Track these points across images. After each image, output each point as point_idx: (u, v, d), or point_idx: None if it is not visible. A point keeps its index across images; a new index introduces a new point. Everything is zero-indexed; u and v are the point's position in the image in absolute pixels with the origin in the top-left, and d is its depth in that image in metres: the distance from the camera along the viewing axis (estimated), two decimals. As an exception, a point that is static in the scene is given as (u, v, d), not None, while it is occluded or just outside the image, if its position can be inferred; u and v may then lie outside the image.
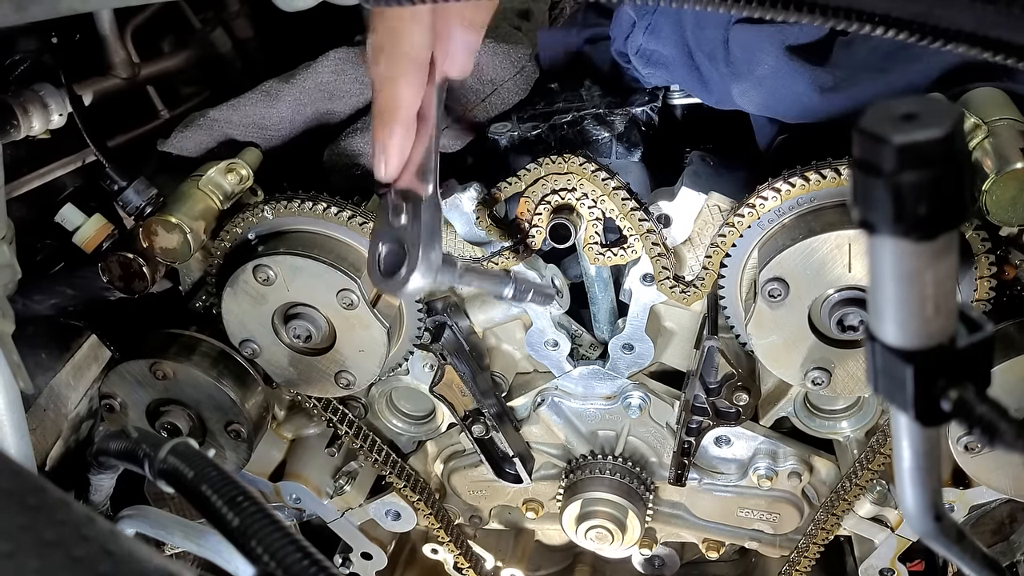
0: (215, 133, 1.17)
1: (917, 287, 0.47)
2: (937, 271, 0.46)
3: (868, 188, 0.45)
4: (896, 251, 0.46)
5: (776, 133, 1.11)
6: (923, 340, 0.48)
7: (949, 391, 0.49)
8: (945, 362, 0.49)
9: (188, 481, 0.72)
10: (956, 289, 0.48)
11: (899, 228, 0.45)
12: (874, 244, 0.47)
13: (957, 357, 0.49)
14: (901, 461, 0.54)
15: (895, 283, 0.47)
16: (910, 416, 0.50)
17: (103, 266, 1.10)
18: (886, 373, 0.50)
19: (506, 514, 1.48)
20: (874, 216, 0.45)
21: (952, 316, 0.48)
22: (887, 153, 0.43)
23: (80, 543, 0.39)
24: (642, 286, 1.12)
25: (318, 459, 1.40)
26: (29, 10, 0.60)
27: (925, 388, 0.49)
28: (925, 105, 0.45)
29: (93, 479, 0.95)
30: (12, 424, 0.85)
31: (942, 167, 0.44)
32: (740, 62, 1.03)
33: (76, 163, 1.19)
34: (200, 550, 0.87)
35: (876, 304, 0.49)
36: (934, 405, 0.49)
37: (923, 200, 0.44)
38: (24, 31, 1.09)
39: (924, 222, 0.44)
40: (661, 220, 1.07)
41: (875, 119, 0.44)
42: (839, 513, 1.23)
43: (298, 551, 0.62)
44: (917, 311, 0.47)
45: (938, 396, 0.49)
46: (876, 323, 0.50)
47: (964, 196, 0.45)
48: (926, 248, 0.45)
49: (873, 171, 0.44)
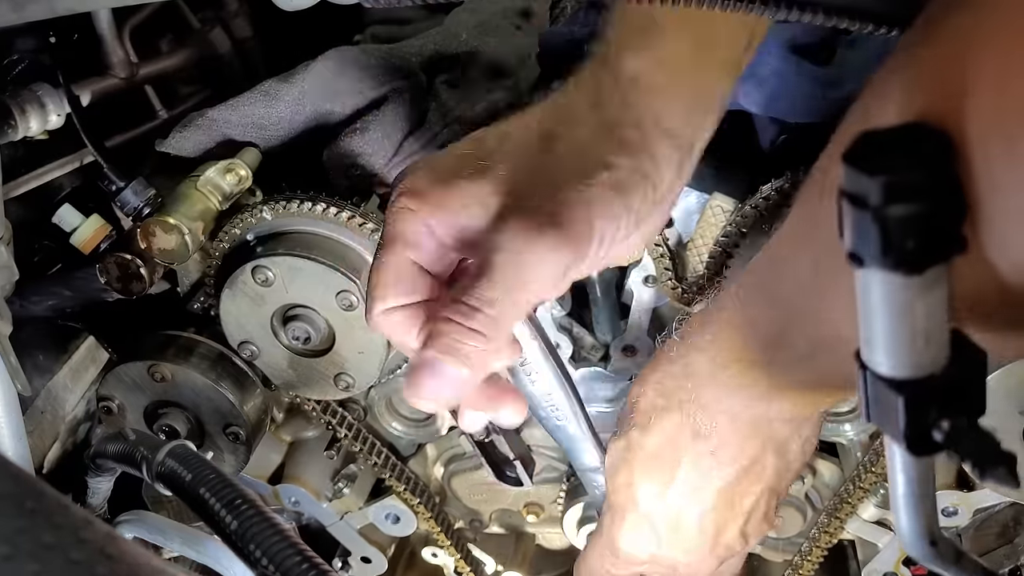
0: (214, 133, 1.16)
1: (907, 319, 0.45)
2: (928, 303, 0.45)
3: (855, 220, 0.44)
4: (885, 284, 0.45)
5: (779, 133, 1.11)
6: (914, 371, 0.47)
7: (941, 422, 0.47)
8: (937, 392, 0.47)
9: (186, 484, 0.71)
10: (947, 318, 0.46)
11: (887, 262, 0.43)
12: (862, 276, 0.46)
13: (949, 386, 0.47)
14: (895, 487, 0.53)
15: (884, 316, 0.46)
16: (902, 447, 0.49)
17: (101, 267, 1.09)
18: (877, 402, 0.49)
19: (507, 518, 1.47)
20: (861, 249, 0.44)
21: (944, 346, 0.47)
22: (874, 186, 0.42)
23: (78, 546, 0.38)
24: (644, 288, 1.12)
25: (317, 462, 1.40)
26: (27, 10, 0.59)
27: (916, 418, 0.48)
28: (915, 133, 0.44)
29: (91, 482, 0.95)
30: (9, 427, 0.85)
31: (931, 200, 0.42)
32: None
33: (74, 164, 1.19)
34: (199, 556, 0.87)
35: (866, 334, 0.48)
36: (926, 435, 0.48)
37: (912, 234, 0.43)
38: (22, 31, 1.08)
39: (913, 256, 0.43)
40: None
41: (862, 149, 0.43)
42: (842, 516, 1.22)
43: (297, 555, 0.61)
44: (907, 343, 0.46)
45: (930, 426, 0.48)
46: (866, 352, 0.49)
47: (956, 228, 0.44)
48: (916, 281, 0.44)
49: (860, 203, 0.43)
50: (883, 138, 0.44)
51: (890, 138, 0.44)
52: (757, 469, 0.87)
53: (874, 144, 0.43)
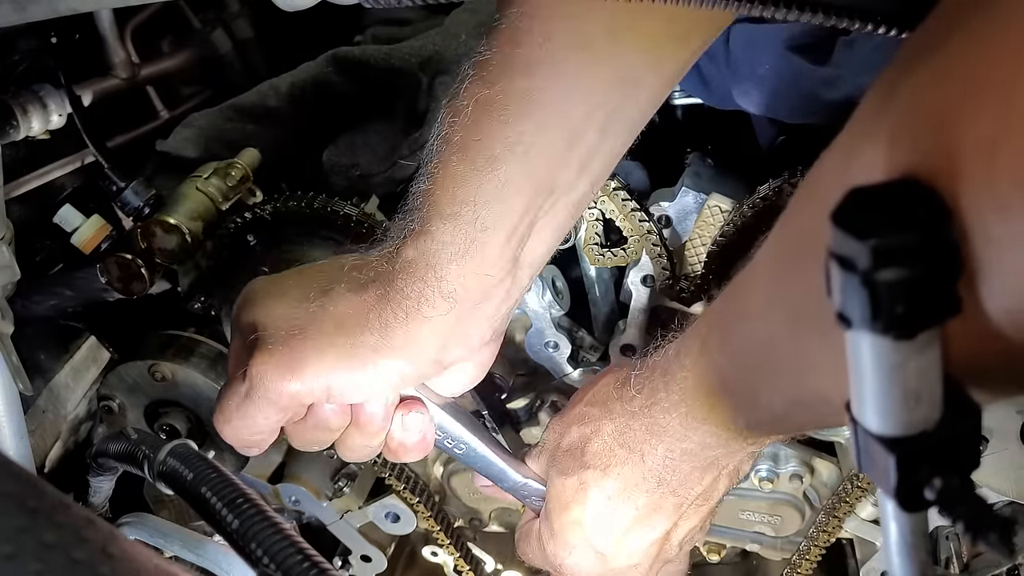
0: (215, 134, 1.16)
1: (898, 381, 0.44)
2: (920, 364, 0.44)
3: (843, 283, 0.42)
4: (874, 347, 0.43)
5: (777, 133, 1.11)
6: (905, 429, 0.46)
7: (933, 479, 0.46)
8: (929, 449, 0.46)
9: (187, 483, 0.71)
10: (940, 378, 0.45)
11: (877, 327, 0.42)
12: (851, 337, 0.44)
13: (942, 443, 0.46)
14: (888, 535, 0.52)
15: (874, 377, 0.45)
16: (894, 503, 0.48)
17: (102, 267, 1.10)
18: (868, 455, 0.48)
19: (506, 516, 1.47)
20: (851, 311, 0.43)
21: (936, 404, 0.46)
22: (863, 250, 0.40)
23: (80, 545, 0.38)
24: (642, 287, 1.12)
25: (317, 461, 1.40)
26: (29, 10, 0.59)
27: (908, 476, 0.46)
28: (905, 191, 0.42)
29: (92, 481, 0.95)
30: (11, 426, 0.85)
31: (923, 264, 0.41)
32: (741, 62, 1.03)
33: (75, 164, 1.19)
34: (199, 560, 0.87)
35: (856, 391, 0.47)
36: (917, 492, 0.47)
37: (902, 299, 0.41)
38: (23, 31, 1.09)
39: (904, 321, 0.42)
40: (661, 221, 1.07)
41: (851, 208, 0.42)
42: (840, 515, 1.22)
43: (298, 553, 0.61)
44: (899, 403, 0.45)
45: (922, 483, 0.46)
46: (857, 408, 0.47)
47: (949, 289, 0.42)
48: (906, 345, 0.43)
49: (848, 266, 0.41)
50: (872, 196, 0.42)
51: (879, 196, 0.42)
52: (709, 493, 0.89)
53: (863, 203, 0.41)
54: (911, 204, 0.41)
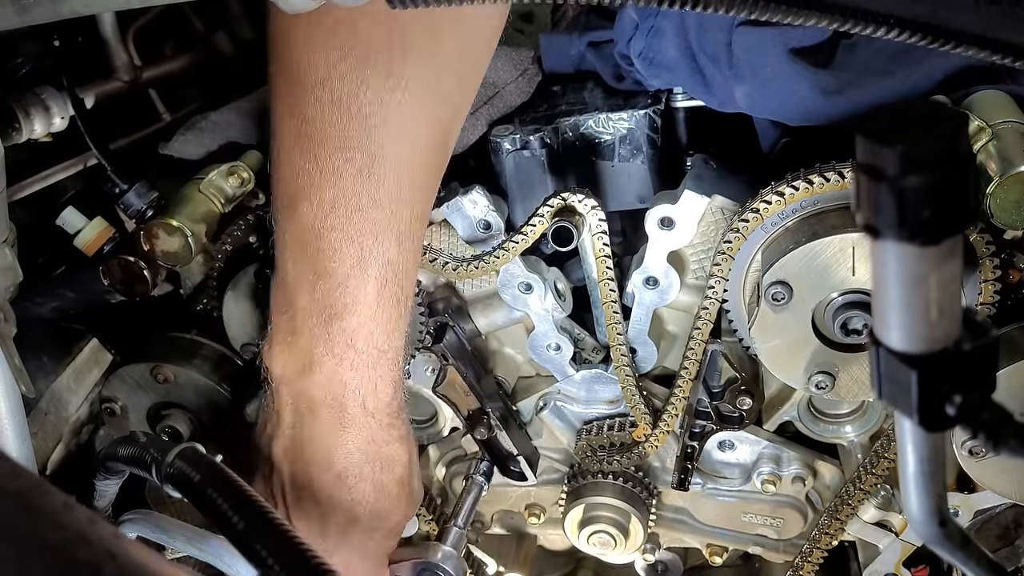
0: (216, 136, 1.17)
1: (922, 291, 0.46)
2: (942, 275, 0.46)
3: (871, 192, 0.44)
4: (900, 255, 0.46)
5: (779, 136, 1.11)
6: (927, 344, 0.48)
7: (954, 396, 0.48)
8: (950, 367, 0.48)
9: (194, 485, 0.72)
10: (961, 293, 0.47)
11: (903, 233, 0.44)
12: (878, 248, 0.47)
13: (962, 361, 0.48)
14: (906, 466, 0.54)
15: (899, 288, 0.47)
16: (914, 421, 0.49)
17: (104, 269, 1.10)
18: (890, 378, 0.50)
19: (508, 519, 1.47)
20: (878, 220, 0.45)
21: (956, 321, 0.48)
22: (890, 157, 0.43)
23: (84, 546, 0.38)
24: (645, 289, 1.12)
25: (319, 463, 1.40)
26: (31, 13, 0.59)
27: (929, 393, 0.48)
28: (929, 109, 0.45)
29: (99, 484, 0.95)
30: (14, 428, 0.85)
31: (946, 171, 0.43)
32: (743, 65, 1.03)
33: (78, 166, 1.19)
34: (202, 555, 0.87)
35: (880, 309, 0.49)
36: (939, 410, 0.49)
37: (927, 204, 0.43)
38: (26, 34, 1.09)
39: (929, 226, 0.44)
40: (664, 223, 1.07)
41: (878, 123, 0.44)
42: (843, 518, 1.22)
43: (303, 555, 0.61)
44: (921, 316, 0.47)
45: (942, 401, 0.48)
46: (880, 327, 0.49)
47: (969, 200, 0.45)
48: (931, 252, 0.45)
49: (876, 175, 0.44)
50: (899, 113, 0.44)
51: (905, 113, 0.44)
52: None
53: (890, 118, 0.44)
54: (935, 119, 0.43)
